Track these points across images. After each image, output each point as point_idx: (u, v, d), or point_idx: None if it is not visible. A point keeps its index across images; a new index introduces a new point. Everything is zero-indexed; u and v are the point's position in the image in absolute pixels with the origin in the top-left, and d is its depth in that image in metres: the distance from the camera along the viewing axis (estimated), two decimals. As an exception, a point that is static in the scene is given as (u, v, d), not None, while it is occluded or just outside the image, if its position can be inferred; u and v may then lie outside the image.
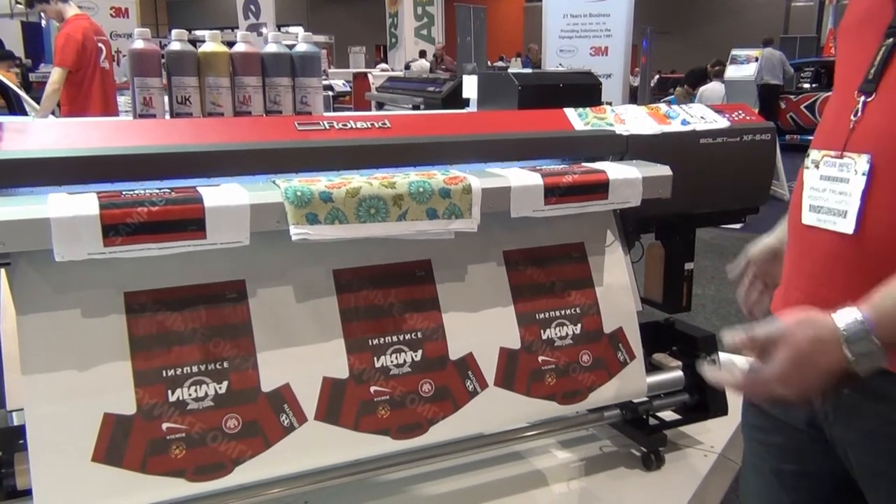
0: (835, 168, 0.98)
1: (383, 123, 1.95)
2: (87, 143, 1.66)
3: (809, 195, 1.02)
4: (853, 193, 0.94)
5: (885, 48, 0.93)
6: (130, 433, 1.58)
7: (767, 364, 0.90)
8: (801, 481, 1.11)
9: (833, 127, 1.01)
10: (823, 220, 0.99)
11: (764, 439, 1.15)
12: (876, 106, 0.94)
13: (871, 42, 0.96)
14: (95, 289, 1.60)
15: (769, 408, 1.11)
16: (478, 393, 1.91)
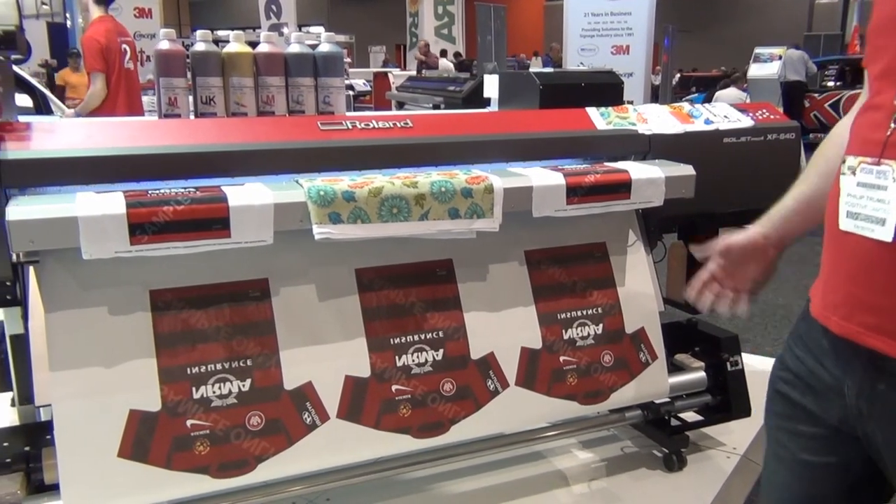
0: (872, 175, 0.97)
1: (405, 123, 1.96)
2: (113, 142, 1.68)
3: (846, 201, 1.01)
4: (891, 201, 0.93)
5: None
6: (155, 429, 1.60)
7: None
8: (825, 473, 1.10)
9: (870, 133, 0.99)
10: (861, 226, 0.98)
11: (791, 428, 1.13)
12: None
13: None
14: (122, 286, 1.62)
15: (800, 398, 1.11)
16: (499, 392, 1.91)
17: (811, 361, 1.08)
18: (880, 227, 0.95)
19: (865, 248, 0.97)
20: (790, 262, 5.41)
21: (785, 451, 1.15)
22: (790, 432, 1.14)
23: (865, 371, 1.00)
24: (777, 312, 4.08)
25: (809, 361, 1.09)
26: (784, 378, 1.15)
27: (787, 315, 4.04)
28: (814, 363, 1.08)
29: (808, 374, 1.09)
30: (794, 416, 1.13)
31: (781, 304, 4.23)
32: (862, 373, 1.00)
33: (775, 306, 4.18)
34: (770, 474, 1.20)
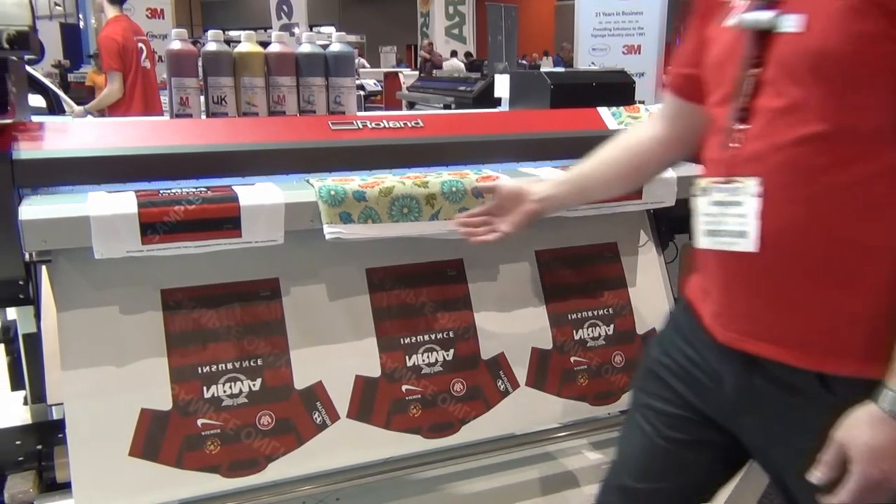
0: (725, 193, 1.04)
1: (416, 123, 1.96)
2: (125, 142, 1.69)
3: (704, 221, 1.09)
4: (749, 215, 1.01)
5: (750, 77, 1.00)
6: (167, 429, 1.60)
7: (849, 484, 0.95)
8: (688, 449, 1.19)
9: (715, 155, 1.08)
10: (723, 241, 1.05)
11: (659, 407, 1.21)
12: (752, 133, 1.01)
13: (733, 74, 1.03)
14: (133, 286, 1.63)
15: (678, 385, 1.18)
16: (509, 393, 1.91)
17: (693, 353, 1.15)
18: (743, 239, 1.02)
19: (731, 261, 1.05)
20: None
21: (650, 427, 1.22)
22: (658, 412, 1.21)
23: (742, 368, 1.07)
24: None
25: (691, 353, 1.16)
26: (664, 363, 1.22)
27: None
28: (695, 356, 1.15)
29: (689, 365, 1.16)
30: (669, 400, 1.20)
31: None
32: (739, 369, 1.08)
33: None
34: (629, 446, 1.27)
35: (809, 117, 0.94)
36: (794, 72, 0.95)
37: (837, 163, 0.94)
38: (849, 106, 0.92)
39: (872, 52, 0.89)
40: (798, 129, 0.95)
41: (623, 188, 1.46)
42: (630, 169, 1.35)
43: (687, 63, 1.23)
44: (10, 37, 1.47)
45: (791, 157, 0.97)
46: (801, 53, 0.93)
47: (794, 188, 0.97)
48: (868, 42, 0.89)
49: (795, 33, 0.94)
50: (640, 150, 1.33)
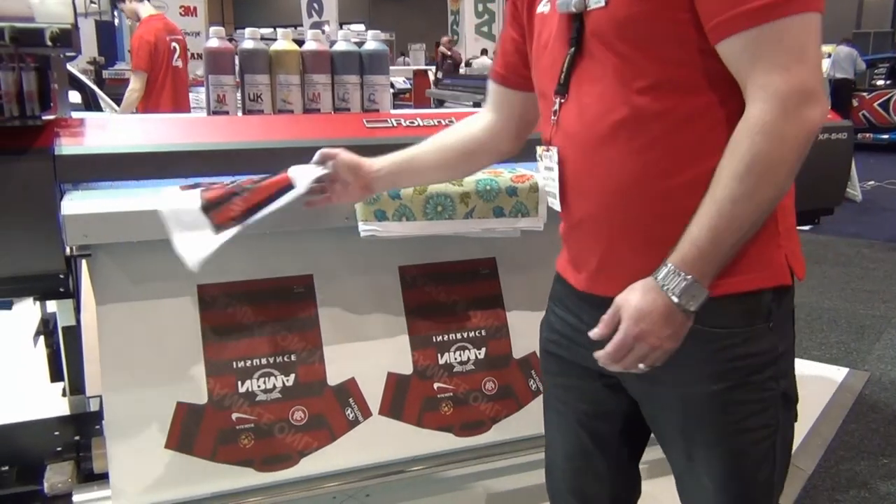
0: (548, 159, 1.15)
1: (450, 121, 1.95)
2: (164, 139, 1.71)
3: (543, 183, 1.21)
4: (556, 179, 1.13)
5: (569, 56, 1.08)
6: (202, 422, 1.62)
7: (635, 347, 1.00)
8: (597, 421, 1.23)
9: (543, 125, 1.18)
10: (552, 203, 1.18)
11: (562, 383, 1.25)
12: (567, 107, 1.10)
13: (560, 52, 1.10)
14: (171, 281, 1.65)
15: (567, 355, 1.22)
16: (541, 392, 1.90)
17: (571, 318, 1.19)
18: (555, 200, 1.16)
19: (567, 218, 1.16)
20: (836, 263, 5.25)
21: (563, 406, 1.26)
22: (565, 387, 1.25)
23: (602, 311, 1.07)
24: (823, 315, 4.00)
25: (570, 318, 1.20)
26: (551, 339, 1.26)
27: (833, 318, 3.96)
28: (573, 319, 1.19)
29: (570, 330, 1.19)
30: (566, 372, 1.23)
31: (827, 307, 4.14)
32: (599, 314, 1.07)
33: (821, 309, 4.09)
34: (552, 430, 1.31)
35: (615, 89, 1.03)
36: (604, 40, 1.03)
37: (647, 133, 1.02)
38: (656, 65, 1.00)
39: (665, 10, 0.98)
40: (605, 102, 1.04)
41: (454, 174, 1.51)
42: (461, 155, 1.40)
43: (504, 52, 1.32)
44: (53, 35, 1.50)
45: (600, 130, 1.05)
46: (607, 23, 1.02)
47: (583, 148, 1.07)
48: (655, 7, 0.98)
49: (599, 8, 1.03)
50: (470, 138, 1.39)
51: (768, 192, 0.96)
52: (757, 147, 0.94)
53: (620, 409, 1.20)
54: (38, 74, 1.53)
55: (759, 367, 1.06)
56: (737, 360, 1.05)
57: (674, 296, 0.97)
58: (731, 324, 1.04)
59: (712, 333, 1.04)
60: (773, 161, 0.94)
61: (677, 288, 0.97)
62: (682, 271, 0.97)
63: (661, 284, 0.98)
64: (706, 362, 1.06)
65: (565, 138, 1.11)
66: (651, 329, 0.98)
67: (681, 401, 1.10)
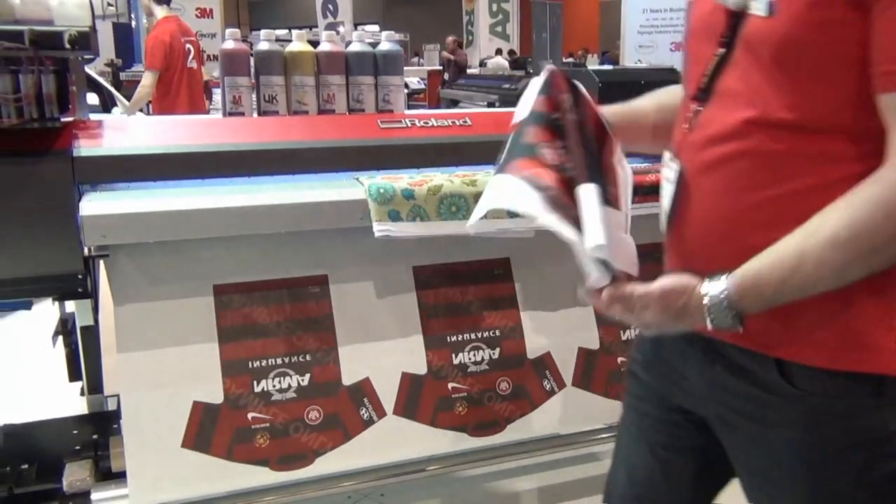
0: (668, 171, 1.06)
1: (464, 121, 1.96)
2: (180, 140, 1.72)
3: (664, 194, 1.10)
4: (669, 197, 1.05)
5: (717, 57, 0.97)
6: (218, 421, 1.63)
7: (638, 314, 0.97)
8: (670, 454, 1.16)
9: (677, 131, 1.07)
10: (663, 220, 1.09)
11: (640, 408, 1.19)
12: (708, 115, 0.98)
13: (707, 51, 0.99)
14: (187, 281, 1.66)
15: (651, 381, 1.16)
16: (555, 392, 1.90)
17: (663, 346, 1.14)
18: (664, 215, 1.07)
19: (677, 240, 1.07)
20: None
21: (637, 431, 1.20)
22: (641, 413, 1.19)
23: (704, 354, 1.04)
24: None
25: (661, 346, 1.14)
26: (638, 360, 1.21)
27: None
28: (665, 348, 1.13)
29: (658, 357, 1.14)
30: (645, 398, 1.18)
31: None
32: (702, 356, 1.05)
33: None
34: (622, 451, 1.25)
35: (764, 107, 0.92)
36: (757, 57, 0.92)
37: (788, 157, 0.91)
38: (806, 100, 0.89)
39: (835, 42, 0.86)
40: (749, 117, 0.93)
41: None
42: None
43: None
44: (72, 37, 1.52)
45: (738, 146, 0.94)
46: (766, 38, 0.90)
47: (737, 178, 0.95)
48: (832, 30, 0.86)
49: (763, 17, 0.90)
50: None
51: (858, 271, 0.87)
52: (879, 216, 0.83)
53: (698, 448, 1.13)
54: (56, 77, 1.55)
55: (865, 444, 0.95)
56: (836, 432, 0.95)
57: (708, 316, 0.92)
58: (832, 393, 0.94)
59: (811, 400, 0.95)
60: (888, 236, 0.83)
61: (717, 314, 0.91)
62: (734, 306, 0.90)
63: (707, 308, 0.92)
64: (803, 429, 0.97)
65: (692, 153, 1.00)
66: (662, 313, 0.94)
67: (770, 462, 1.01)
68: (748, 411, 1.01)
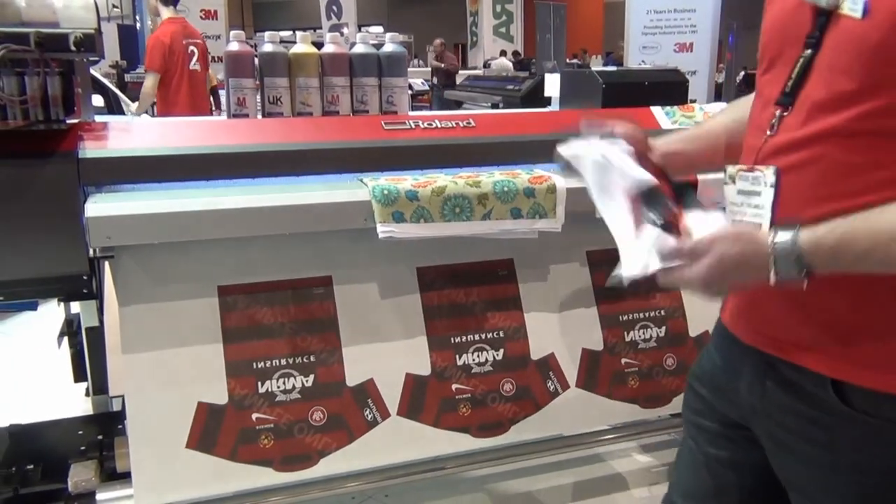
0: (748, 182, 0.98)
1: (468, 123, 1.96)
2: (185, 142, 1.73)
3: (730, 210, 1.03)
4: (765, 206, 0.96)
5: (803, 59, 0.92)
6: (222, 422, 1.64)
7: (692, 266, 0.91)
8: (727, 469, 1.14)
9: (750, 141, 1.01)
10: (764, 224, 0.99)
11: (699, 423, 1.18)
12: (789, 121, 0.94)
13: (791, 52, 0.94)
14: (192, 282, 1.67)
15: (708, 395, 1.15)
16: (559, 394, 1.90)
17: (719, 359, 1.13)
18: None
19: None
20: None
21: (694, 444, 1.19)
22: (699, 427, 1.18)
23: (756, 369, 1.03)
24: None
25: (717, 359, 1.13)
26: (697, 374, 1.19)
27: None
28: (720, 361, 1.12)
29: (716, 371, 1.13)
30: (702, 412, 1.17)
31: None
32: (753, 370, 1.04)
33: None
34: (681, 464, 1.24)
35: (851, 113, 0.87)
36: (846, 61, 0.87)
37: (870, 166, 0.87)
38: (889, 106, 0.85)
39: None
40: (833, 123, 0.89)
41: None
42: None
43: None
44: (77, 39, 1.52)
45: (817, 154, 0.90)
46: (858, 42, 0.85)
47: (816, 187, 0.91)
48: None
49: (855, 19, 0.85)
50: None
51: None
52: None
53: (753, 464, 1.11)
54: (62, 79, 1.55)
55: None
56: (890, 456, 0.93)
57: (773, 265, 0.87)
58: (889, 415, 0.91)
59: (865, 421, 0.93)
60: None
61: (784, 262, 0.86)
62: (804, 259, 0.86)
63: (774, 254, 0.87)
64: (854, 450, 0.94)
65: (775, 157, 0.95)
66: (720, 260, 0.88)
67: (819, 483, 0.99)
68: (797, 429, 0.99)
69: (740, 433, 1.10)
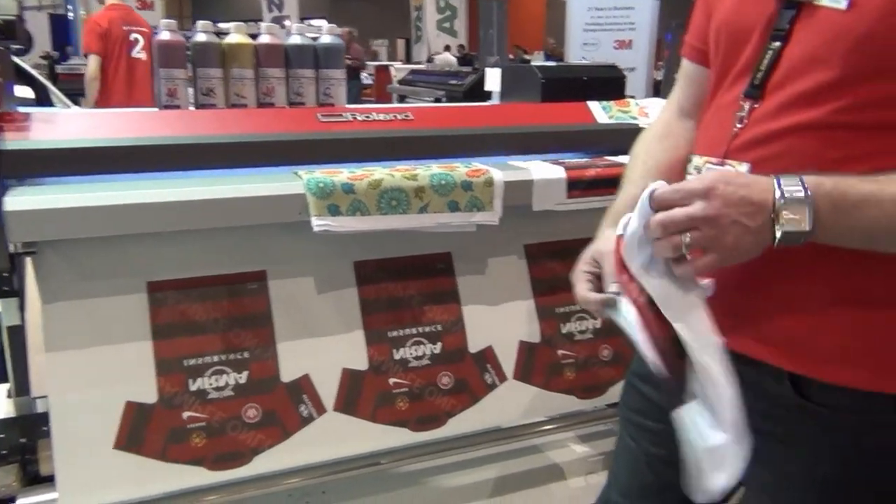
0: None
1: (406, 115, 1.95)
2: (112, 133, 1.67)
3: None
4: None
5: (772, 52, 0.90)
6: (151, 421, 1.59)
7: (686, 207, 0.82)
8: (669, 467, 1.10)
9: (716, 133, 0.98)
10: None
11: (640, 423, 1.15)
12: (759, 113, 0.92)
13: (754, 44, 0.93)
14: (119, 278, 1.62)
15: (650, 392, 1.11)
16: (496, 386, 1.91)
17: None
18: None
19: None
20: None
21: (634, 442, 1.17)
22: (638, 426, 1.16)
23: None
24: None
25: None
26: (639, 372, 1.16)
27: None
28: None
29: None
30: (644, 411, 1.15)
31: None
32: None
33: None
34: (618, 463, 1.23)
35: (828, 106, 0.86)
36: (826, 52, 0.85)
37: (845, 160, 0.86)
38: (875, 99, 0.84)
39: None
40: (809, 116, 0.87)
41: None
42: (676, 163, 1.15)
43: (698, 21, 1.11)
44: (-5, 25, 1.46)
45: (793, 147, 0.89)
46: (839, 33, 0.84)
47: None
48: None
49: (835, 9, 0.84)
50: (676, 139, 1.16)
51: None
52: None
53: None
54: (-21, 67, 1.49)
55: (877, 460, 0.92)
56: (846, 447, 0.92)
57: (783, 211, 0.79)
58: (844, 407, 0.91)
59: (821, 413, 0.92)
60: None
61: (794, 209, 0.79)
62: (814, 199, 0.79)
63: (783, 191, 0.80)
64: (811, 443, 0.94)
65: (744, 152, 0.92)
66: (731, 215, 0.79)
67: (776, 478, 0.98)
68: (754, 425, 0.95)
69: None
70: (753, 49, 0.93)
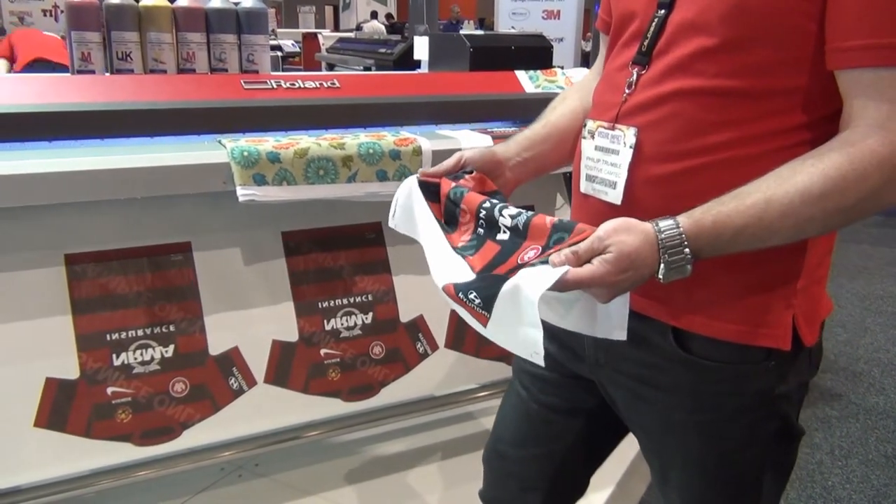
0: (607, 139, 0.99)
1: (332, 83, 1.92)
2: (25, 99, 1.59)
3: (586, 165, 1.03)
4: (622, 165, 0.96)
5: (658, 19, 0.93)
6: (74, 398, 1.55)
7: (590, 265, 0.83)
8: (561, 415, 1.16)
9: (608, 98, 1.01)
10: (597, 189, 1.01)
11: (535, 372, 1.18)
12: (646, 79, 0.95)
13: (644, 12, 0.96)
14: (35, 250, 1.55)
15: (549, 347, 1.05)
16: (428, 355, 1.92)
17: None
18: (612, 190, 0.98)
19: (601, 211, 0.98)
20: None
21: (526, 393, 1.19)
22: (533, 375, 1.18)
23: None
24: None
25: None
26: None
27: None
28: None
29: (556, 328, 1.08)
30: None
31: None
32: None
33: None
34: (507, 411, 1.24)
35: (708, 70, 0.89)
36: (704, 19, 0.88)
37: (723, 124, 0.89)
38: (755, 64, 0.87)
39: (781, 17, 0.84)
40: (690, 83, 0.90)
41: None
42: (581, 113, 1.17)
43: (605, 6, 1.14)
44: None
45: (675, 112, 0.91)
46: (716, 1, 0.87)
47: (670, 144, 0.92)
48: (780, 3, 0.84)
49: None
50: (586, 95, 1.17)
51: (817, 229, 0.86)
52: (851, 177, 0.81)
53: (589, 410, 1.14)
54: None
55: (753, 405, 0.99)
56: (724, 394, 0.98)
57: (664, 264, 0.83)
58: (722, 358, 0.96)
59: (702, 364, 0.97)
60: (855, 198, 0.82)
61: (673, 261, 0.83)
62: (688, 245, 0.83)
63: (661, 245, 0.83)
64: (693, 392, 0.99)
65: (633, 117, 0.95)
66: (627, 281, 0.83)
67: (662, 423, 1.04)
68: (641, 375, 1.02)
69: (580, 383, 1.12)
70: (642, 17, 0.96)
